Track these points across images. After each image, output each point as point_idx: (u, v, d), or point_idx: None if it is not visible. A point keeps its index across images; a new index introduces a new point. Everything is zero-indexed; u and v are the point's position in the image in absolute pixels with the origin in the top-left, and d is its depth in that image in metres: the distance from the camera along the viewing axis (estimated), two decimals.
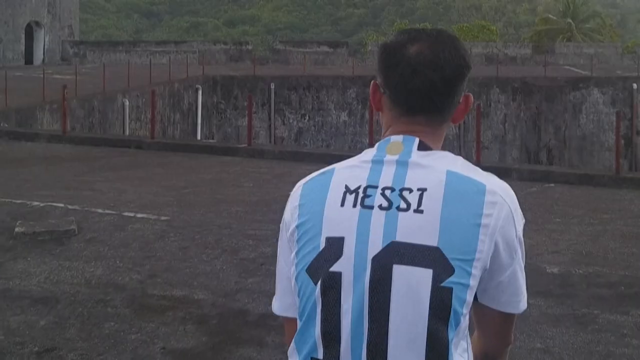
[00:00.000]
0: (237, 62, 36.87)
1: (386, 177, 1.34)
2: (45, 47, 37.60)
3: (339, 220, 1.34)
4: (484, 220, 1.29)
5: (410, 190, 1.32)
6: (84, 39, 52.01)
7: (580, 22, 57.07)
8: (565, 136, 27.83)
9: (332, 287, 1.31)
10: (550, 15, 60.31)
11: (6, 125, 15.15)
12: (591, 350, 4.39)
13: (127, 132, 19.86)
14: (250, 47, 39.19)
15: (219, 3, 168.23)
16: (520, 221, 1.34)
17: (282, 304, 1.48)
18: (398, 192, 1.32)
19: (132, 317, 4.80)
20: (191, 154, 12.04)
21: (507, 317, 1.42)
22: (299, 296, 1.38)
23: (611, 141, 28.14)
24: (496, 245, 1.31)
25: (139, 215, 7.04)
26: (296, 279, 1.38)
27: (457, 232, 1.28)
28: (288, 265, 1.43)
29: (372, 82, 1.47)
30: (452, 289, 1.27)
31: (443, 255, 1.27)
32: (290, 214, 1.41)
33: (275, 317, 4.66)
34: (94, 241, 6.39)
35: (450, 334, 1.28)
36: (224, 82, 28.82)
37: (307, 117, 28.80)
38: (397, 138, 1.39)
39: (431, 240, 1.28)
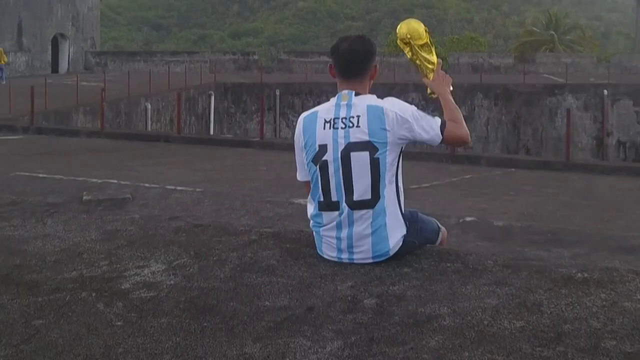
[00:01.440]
0: (245, 70, 37.93)
1: (342, 112, 2.74)
2: (70, 57, 38.47)
3: (323, 136, 2.74)
4: (386, 125, 2.68)
5: (353, 117, 2.72)
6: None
7: (562, 34, 58.11)
8: (542, 137, 29.01)
9: (324, 167, 2.72)
10: (534, 28, 61.32)
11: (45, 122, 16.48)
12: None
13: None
14: (256, 57, 40.54)
15: (224, 16, 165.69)
16: (406, 113, 2.67)
17: (301, 175, 2.90)
18: (348, 119, 2.72)
19: None
20: (211, 146, 13.41)
21: (444, 140, 2.77)
22: (310, 172, 2.79)
23: (584, 142, 29.35)
24: (397, 135, 2.69)
25: (178, 188, 8.42)
26: (307, 165, 2.79)
27: (376, 133, 2.67)
28: (301, 158, 2.83)
29: (329, 64, 2.91)
30: (379, 158, 2.67)
31: (372, 143, 2.67)
32: (299, 134, 2.82)
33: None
34: (146, 206, 7.73)
35: (381, 178, 2.67)
36: (234, 88, 29.79)
37: None
38: (345, 92, 2.79)
39: (366, 138, 2.68)
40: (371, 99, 2.75)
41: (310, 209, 2.84)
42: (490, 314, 2.27)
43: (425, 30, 2.91)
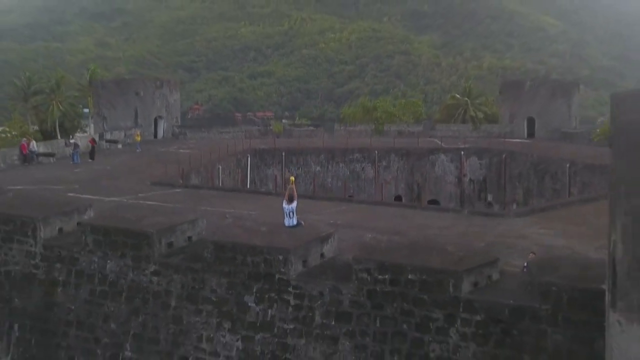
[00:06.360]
0: (265, 136, 52.83)
1: (288, 207, 17.78)
2: (164, 129, 51.61)
3: (285, 211, 17.86)
4: (294, 208, 17.75)
5: (290, 209, 17.77)
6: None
7: (474, 98, 72.34)
8: (426, 178, 43.73)
9: (285, 213, 17.83)
10: (456, 95, 75.67)
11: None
12: None
13: (221, 182, 36.08)
14: (271, 128, 55.83)
15: (243, 61, 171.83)
16: (295, 206, 17.79)
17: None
18: (290, 209, 17.76)
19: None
20: (254, 194, 28.33)
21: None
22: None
23: (450, 179, 44.28)
24: (294, 208, 17.78)
25: (251, 213, 23.35)
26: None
27: (293, 210, 17.75)
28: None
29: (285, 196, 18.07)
30: (294, 211, 17.77)
31: (293, 211, 17.77)
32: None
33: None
34: (238, 219, 22.51)
35: (294, 212, 17.78)
36: (260, 151, 42.78)
37: (299, 169, 43.04)
38: (288, 204, 17.86)
39: (292, 210, 17.79)
40: (292, 205, 17.50)
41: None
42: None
43: (294, 179, 17.88)
